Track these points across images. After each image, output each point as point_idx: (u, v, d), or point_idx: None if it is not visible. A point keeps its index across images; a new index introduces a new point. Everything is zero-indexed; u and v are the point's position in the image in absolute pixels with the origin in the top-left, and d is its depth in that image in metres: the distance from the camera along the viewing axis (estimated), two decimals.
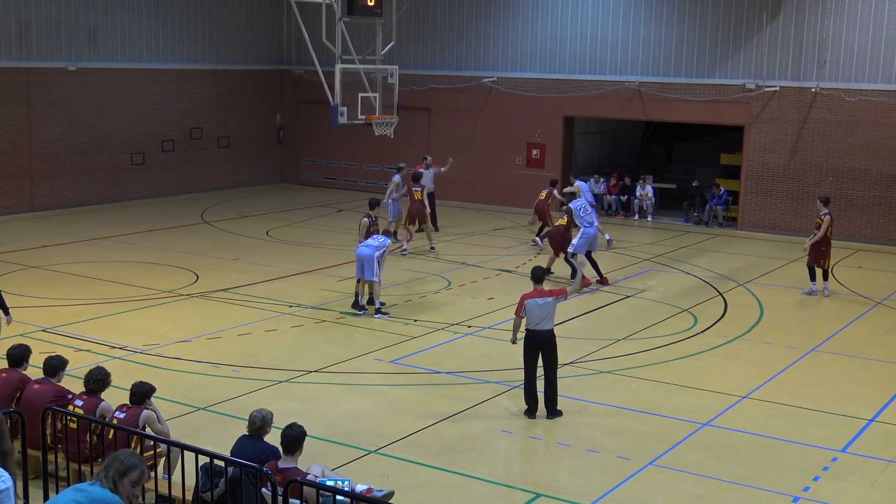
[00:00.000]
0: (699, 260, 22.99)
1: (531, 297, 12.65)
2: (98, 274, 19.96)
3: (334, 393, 13.58)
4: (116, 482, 6.13)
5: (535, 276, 13.15)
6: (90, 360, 13.98)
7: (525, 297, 12.71)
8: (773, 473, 11.22)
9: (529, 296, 12.71)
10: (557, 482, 10.95)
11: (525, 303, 12.64)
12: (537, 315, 12.61)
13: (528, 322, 12.69)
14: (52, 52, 27.45)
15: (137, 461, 6.27)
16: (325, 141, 32.71)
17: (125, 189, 29.69)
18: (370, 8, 21.21)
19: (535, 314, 12.62)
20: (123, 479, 6.15)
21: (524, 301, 12.65)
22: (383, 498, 9.21)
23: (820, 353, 15.88)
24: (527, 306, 12.63)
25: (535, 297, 12.66)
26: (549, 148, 29.65)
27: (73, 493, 6.15)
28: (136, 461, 6.27)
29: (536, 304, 12.60)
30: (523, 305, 12.64)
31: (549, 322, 12.69)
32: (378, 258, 17.24)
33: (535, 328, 12.67)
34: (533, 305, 12.61)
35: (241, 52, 32.52)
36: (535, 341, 12.72)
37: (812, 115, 25.90)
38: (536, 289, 12.86)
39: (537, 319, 12.63)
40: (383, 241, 17.57)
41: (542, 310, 12.60)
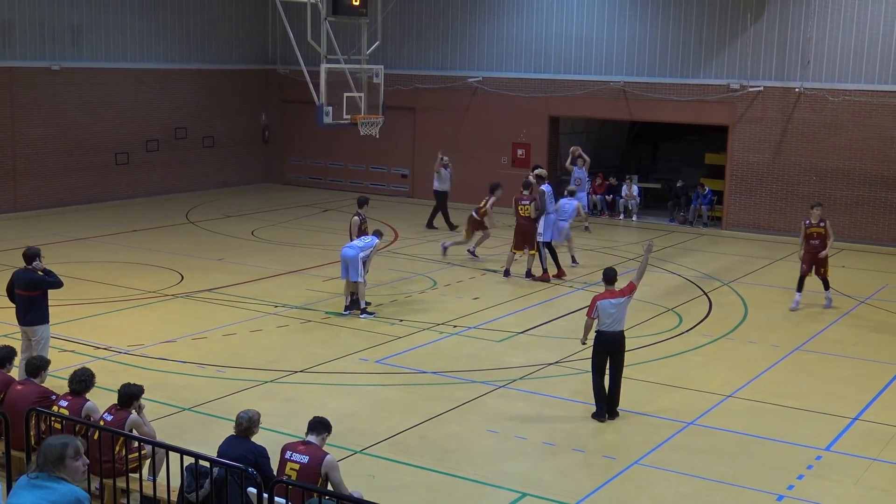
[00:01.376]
0: (684, 259, 23.06)
1: (604, 298, 12.55)
2: (82, 274, 19.88)
3: (320, 393, 13.57)
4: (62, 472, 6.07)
5: (607, 278, 12.95)
6: (75, 360, 13.94)
7: (597, 298, 12.60)
8: (758, 472, 11.27)
9: (602, 297, 12.59)
10: (543, 481, 10.96)
11: (598, 304, 12.52)
12: (610, 316, 12.52)
13: (600, 323, 12.56)
14: (36, 52, 27.33)
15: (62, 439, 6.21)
16: (311, 141, 32.67)
17: (109, 189, 29.58)
18: (355, 8, 21.20)
19: (607, 315, 12.52)
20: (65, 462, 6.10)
21: (596, 302, 12.54)
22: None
23: (804, 353, 15.96)
24: (599, 307, 12.50)
25: (608, 297, 12.56)
26: (535, 148, 29.68)
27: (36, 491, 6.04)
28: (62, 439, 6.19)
29: (610, 304, 12.51)
30: (595, 307, 12.51)
31: (620, 323, 12.62)
32: (363, 259, 17.22)
33: (606, 329, 12.56)
34: (606, 306, 12.50)
35: (226, 51, 32.45)
36: (606, 343, 12.62)
37: (796, 115, 26.01)
38: (608, 290, 12.72)
39: (610, 321, 12.53)
40: (370, 241, 17.54)
41: (615, 310, 12.54)
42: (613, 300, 12.56)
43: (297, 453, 8.72)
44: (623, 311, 12.64)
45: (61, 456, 6.07)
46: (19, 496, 6.08)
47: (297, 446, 8.81)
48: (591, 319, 12.63)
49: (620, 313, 12.59)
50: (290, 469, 8.65)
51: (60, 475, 6.05)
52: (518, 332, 16.69)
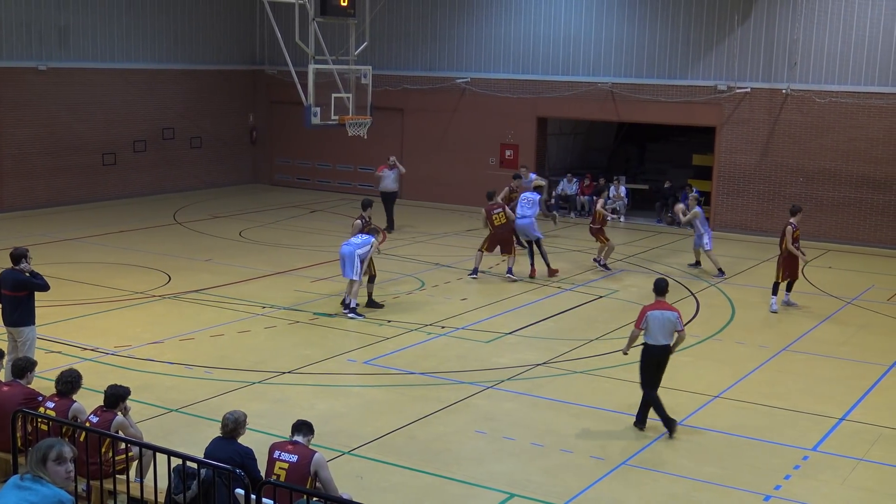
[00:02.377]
0: (672, 260, 23.10)
1: (654, 310, 12.16)
2: (69, 275, 19.81)
3: (308, 394, 13.55)
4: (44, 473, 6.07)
5: (658, 289, 12.53)
6: (61, 361, 13.88)
7: (647, 309, 12.20)
8: (745, 472, 11.30)
9: (651, 307, 12.20)
10: (531, 482, 10.97)
11: (647, 315, 12.13)
12: (658, 328, 12.12)
13: (648, 335, 12.17)
14: (22, 52, 27.23)
15: (50, 441, 6.21)
16: (299, 141, 32.63)
17: (97, 189, 29.49)
18: (343, 8, 21.20)
19: (655, 327, 12.12)
20: (46, 465, 6.09)
21: (646, 313, 12.15)
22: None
23: (791, 353, 16.00)
24: (648, 318, 12.11)
25: (658, 309, 12.19)
26: (523, 149, 29.70)
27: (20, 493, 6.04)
28: (49, 442, 6.19)
29: (660, 316, 12.12)
30: (645, 317, 12.13)
31: (668, 337, 12.20)
32: (360, 256, 17.19)
33: (654, 343, 12.18)
34: (656, 317, 12.11)
35: (214, 52, 32.38)
36: (653, 355, 12.24)
37: (783, 116, 26.10)
38: (658, 301, 12.33)
39: (657, 333, 12.15)
40: (367, 239, 17.50)
41: (666, 325, 12.15)
42: (661, 313, 12.15)
43: (285, 452, 8.72)
44: (672, 326, 12.15)
45: (44, 457, 6.07)
46: (4, 496, 6.09)
47: (285, 446, 8.81)
48: (638, 330, 12.22)
49: (670, 327, 12.16)
50: (279, 468, 8.64)
51: (44, 477, 6.04)
52: (506, 333, 16.70)
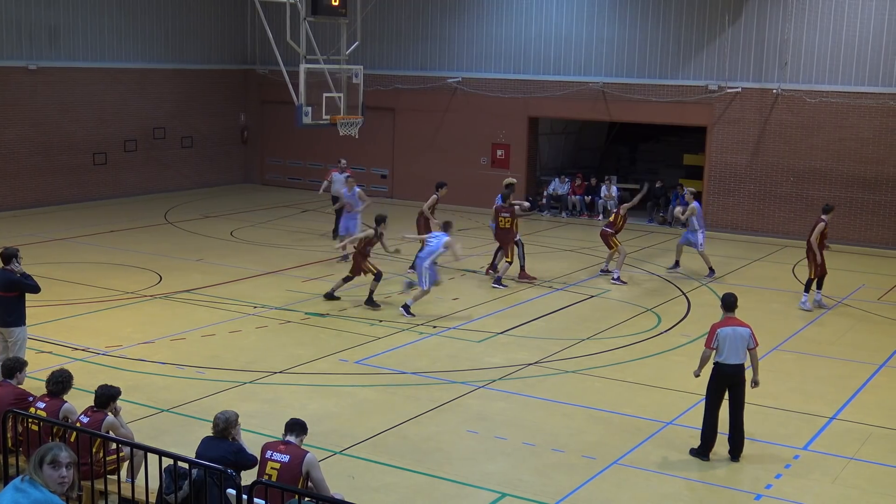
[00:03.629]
0: (663, 260, 23.13)
1: (724, 326, 11.56)
2: (60, 275, 19.76)
3: (299, 394, 13.53)
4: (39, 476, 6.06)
5: (727, 304, 11.83)
6: (52, 361, 13.84)
7: (717, 327, 11.57)
8: (737, 471, 11.33)
9: (722, 325, 11.59)
10: (522, 482, 10.97)
11: (717, 332, 11.49)
12: (731, 347, 11.51)
13: (719, 354, 11.53)
14: (12, 51, 27.14)
15: (49, 445, 6.20)
16: (290, 141, 32.61)
17: (87, 189, 29.42)
18: (334, 8, 21.18)
19: (728, 346, 11.50)
20: (42, 468, 6.09)
21: (716, 331, 11.51)
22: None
23: (782, 352, 16.04)
24: (719, 336, 11.48)
25: (729, 325, 11.59)
26: (514, 148, 29.74)
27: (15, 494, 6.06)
28: (49, 445, 6.19)
29: (732, 333, 11.52)
30: (716, 336, 11.50)
31: (741, 355, 11.57)
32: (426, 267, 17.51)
33: (725, 362, 11.52)
34: (728, 335, 11.50)
35: (205, 51, 32.33)
36: (725, 375, 11.56)
37: (773, 116, 26.16)
38: (728, 317, 11.71)
39: (731, 352, 11.52)
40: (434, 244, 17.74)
41: (738, 342, 11.52)
42: (732, 329, 11.56)
43: (277, 453, 8.71)
44: (744, 343, 11.53)
45: (40, 461, 6.07)
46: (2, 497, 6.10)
47: (277, 446, 8.80)
48: (710, 350, 11.59)
49: (741, 344, 11.53)
50: (271, 468, 8.63)
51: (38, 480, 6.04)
52: (498, 333, 16.70)
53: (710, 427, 11.67)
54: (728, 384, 11.62)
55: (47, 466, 6.08)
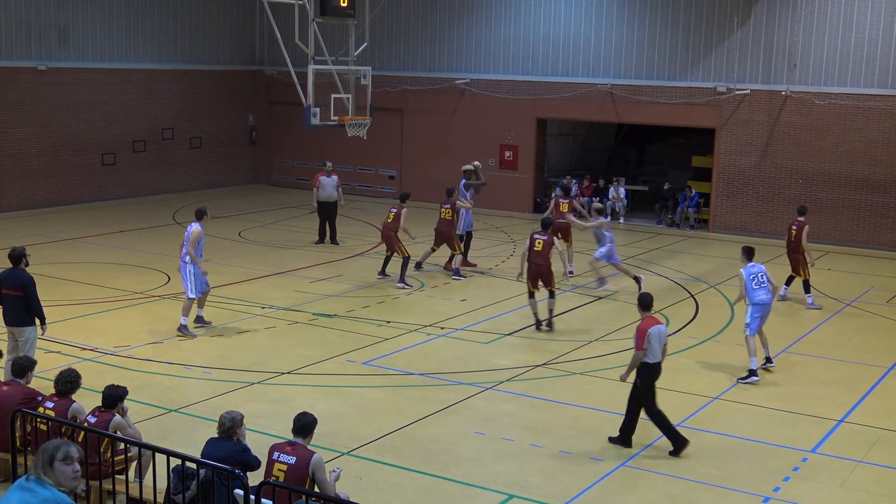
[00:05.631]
0: (671, 262, 23.12)
1: (652, 327, 11.64)
2: (68, 275, 19.81)
3: (307, 394, 13.54)
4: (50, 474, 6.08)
5: (645, 304, 11.95)
6: (61, 361, 13.87)
7: (645, 328, 11.62)
8: (744, 474, 11.30)
9: (648, 325, 11.65)
10: (529, 483, 10.97)
11: (648, 333, 11.57)
12: (659, 345, 11.67)
13: (650, 354, 11.63)
14: (22, 52, 27.22)
15: (57, 442, 6.22)
16: (298, 142, 32.64)
17: (96, 190, 29.49)
18: (343, 9, 21.17)
19: (657, 346, 11.65)
20: (53, 465, 6.10)
21: (647, 332, 11.57)
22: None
23: (790, 355, 16.00)
24: (651, 336, 11.58)
25: (654, 325, 11.69)
26: (522, 150, 29.73)
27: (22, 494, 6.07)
28: (56, 443, 6.21)
29: (658, 332, 11.65)
30: (646, 336, 11.57)
31: (663, 353, 11.82)
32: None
33: (654, 361, 11.69)
34: (657, 334, 11.64)
35: (213, 52, 32.39)
36: (656, 374, 11.77)
37: (782, 118, 26.12)
38: (648, 317, 11.81)
39: (657, 350, 11.67)
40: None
41: (662, 340, 11.73)
42: (661, 327, 11.77)
43: (284, 454, 8.72)
44: (664, 341, 11.77)
45: (51, 458, 6.08)
46: (8, 496, 6.11)
47: (283, 447, 8.81)
48: (642, 351, 11.64)
49: (663, 343, 11.75)
50: (278, 470, 8.64)
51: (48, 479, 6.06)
52: (505, 334, 16.69)
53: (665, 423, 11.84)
54: (656, 381, 11.88)
55: (60, 463, 6.10)
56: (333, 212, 23.90)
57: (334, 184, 23.82)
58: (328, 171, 24.11)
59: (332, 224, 23.95)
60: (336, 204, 23.95)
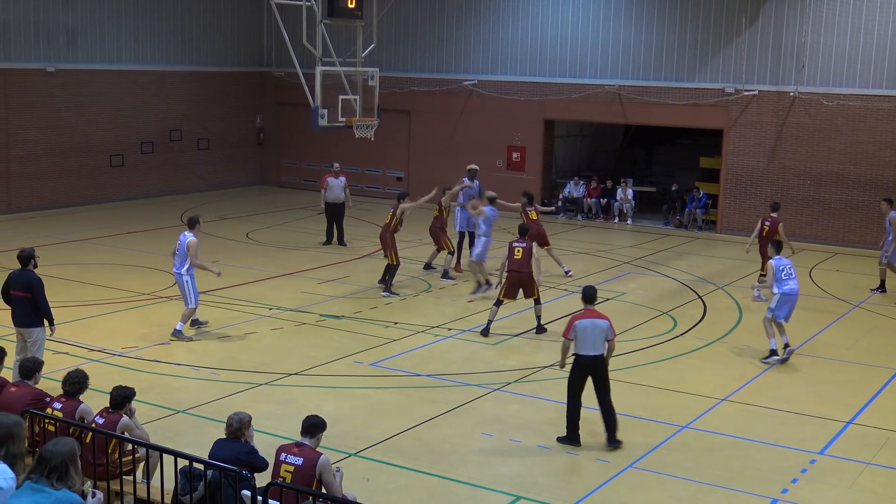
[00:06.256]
0: (679, 263, 23.08)
1: (583, 318, 11.79)
2: (76, 276, 19.85)
3: (314, 395, 13.55)
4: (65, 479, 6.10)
5: (587, 297, 12.15)
6: (69, 362, 13.89)
7: (575, 319, 11.83)
8: (752, 475, 11.27)
9: (580, 317, 11.84)
10: (537, 484, 10.96)
11: (575, 324, 11.73)
12: (590, 338, 11.75)
13: (578, 346, 11.78)
14: (31, 53, 27.30)
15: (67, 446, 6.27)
16: (306, 143, 32.67)
17: (104, 191, 29.56)
18: (350, 10, 21.19)
19: (586, 337, 11.75)
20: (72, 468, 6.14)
21: (574, 322, 11.76)
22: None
23: (798, 356, 15.96)
24: (577, 328, 11.72)
25: (588, 318, 11.82)
26: (530, 151, 29.72)
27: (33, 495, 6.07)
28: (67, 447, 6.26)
29: (592, 325, 11.75)
30: (573, 327, 11.76)
31: (600, 346, 11.84)
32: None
33: (583, 353, 11.78)
34: (585, 326, 11.75)
35: (221, 53, 32.44)
36: (583, 366, 11.84)
37: (790, 119, 26.06)
38: (588, 309, 11.98)
39: (590, 343, 11.76)
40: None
41: (597, 333, 11.77)
42: (590, 321, 11.81)
43: (291, 455, 8.72)
44: (602, 334, 11.80)
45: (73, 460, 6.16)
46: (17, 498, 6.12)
47: (291, 448, 8.82)
48: (568, 341, 11.89)
49: (598, 336, 11.79)
50: (285, 471, 8.65)
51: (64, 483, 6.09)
52: (512, 336, 16.68)
53: (572, 415, 12.00)
54: (588, 374, 11.89)
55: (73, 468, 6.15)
56: (341, 213, 23.95)
57: (342, 185, 23.87)
58: (336, 172, 24.14)
59: (340, 225, 24.02)
60: (343, 205, 24.00)
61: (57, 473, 6.10)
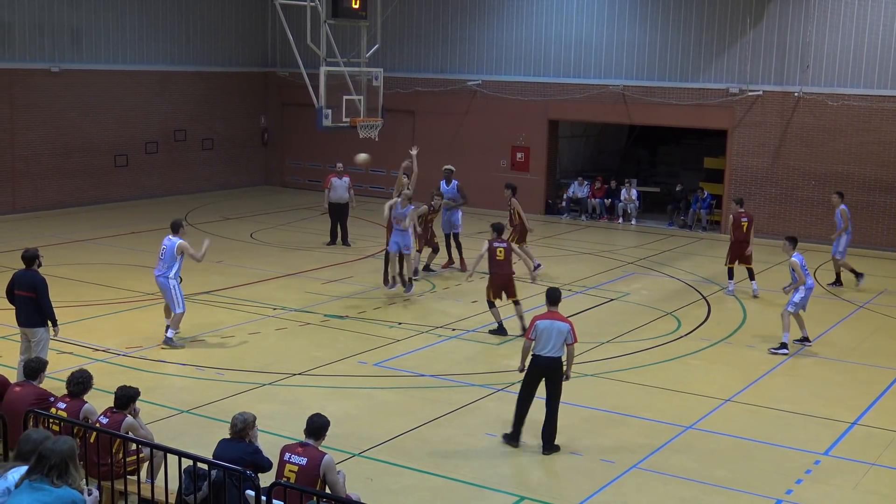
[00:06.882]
0: (683, 263, 23.06)
1: (544, 320, 11.74)
2: (80, 276, 19.87)
3: (318, 396, 13.55)
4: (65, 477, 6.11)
5: (551, 299, 12.06)
6: (73, 362, 13.90)
7: (537, 319, 11.78)
8: (756, 476, 11.26)
9: (541, 318, 11.77)
10: (541, 485, 10.96)
11: (536, 324, 11.70)
12: (548, 340, 11.67)
13: (536, 346, 11.72)
14: (35, 53, 27.32)
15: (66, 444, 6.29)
16: (310, 143, 32.67)
17: (108, 191, 29.59)
18: (355, 10, 21.18)
19: (545, 339, 11.68)
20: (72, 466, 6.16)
21: (535, 323, 11.73)
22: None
23: (802, 357, 15.95)
24: (538, 328, 11.68)
25: (550, 319, 11.76)
26: (534, 151, 29.70)
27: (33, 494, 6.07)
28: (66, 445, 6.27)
29: (550, 326, 11.68)
30: (534, 327, 11.73)
31: (559, 349, 11.72)
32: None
33: (542, 354, 11.71)
34: (545, 327, 11.68)
35: (226, 54, 32.46)
36: (539, 367, 11.76)
37: (795, 119, 26.03)
38: (551, 311, 11.88)
39: (547, 345, 11.69)
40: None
41: (554, 335, 11.68)
42: (557, 323, 11.69)
43: (295, 455, 8.73)
44: (562, 337, 11.66)
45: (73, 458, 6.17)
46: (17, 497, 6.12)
47: (295, 448, 8.82)
48: (529, 341, 11.78)
49: (559, 339, 11.66)
50: (289, 471, 8.65)
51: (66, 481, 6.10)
52: (517, 336, 16.65)
53: (520, 415, 11.94)
54: (542, 375, 11.79)
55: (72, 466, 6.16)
56: (345, 213, 23.95)
57: (346, 185, 23.86)
58: (339, 172, 24.11)
59: (344, 225, 24.03)
60: (347, 205, 23.97)
61: (57, 471, 6.12)
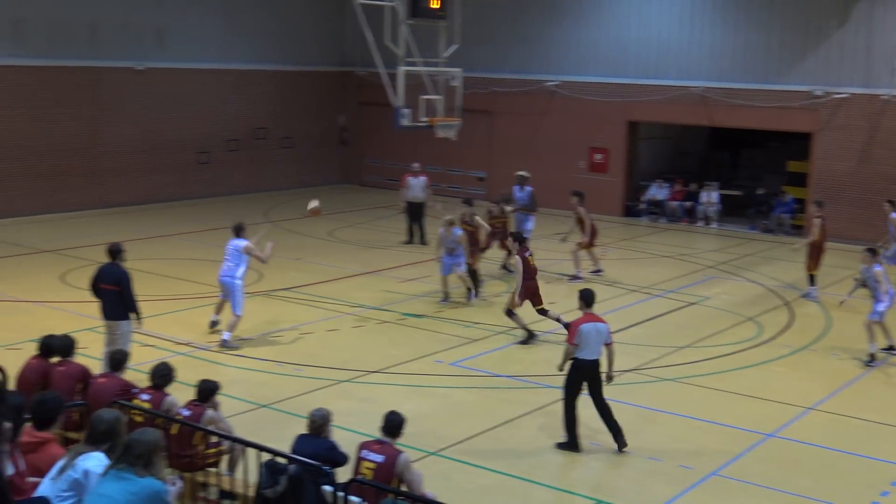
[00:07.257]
0: (764, 268, 22.67)
1: (586, 323, 11.65)
2: (163, 270, 20.22)
3: (395, 394, 13.59)
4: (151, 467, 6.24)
5: (587, 300, 11.95)
6: (155, 355, 14.16)
7: (578, 323, 11.67)
8: (840, 488, 11.00)
9: (583, 321, 11.68)
10: (617, 489, 10.85)
11: (580, 328, 11.58)
12: (592, 343, 11.60)
13: (580, 350, 11.59)
14: (121, 52, 27.88)
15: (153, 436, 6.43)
16: (388, 142, 32.81)
17: (191, 187, 30.07)
18: (434, 10, 21.23)
19: (589, 342, 11.59)
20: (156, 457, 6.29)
21: (578, 327, 11.59)
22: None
23: (889, 366, 15.55)
24: (581, 332, 11.57)
25: (590, 322, 11.69)
26: (613, 153, 29.46)
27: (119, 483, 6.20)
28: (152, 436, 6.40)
29: (593, 329, 11.63)
30: (577, 332, 11.58)
31: (598, 351, 11.70)
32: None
33: (586, 357, 11.63)
34: (590, 331, 11.60)
35: (305, 52, 32.76)
36: (583, 371, 11.67)
37: (882, 123, 25.40)
38: (588, 314, 11.81)
39: (591, 348, 11.61)
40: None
41: (597, 337, 11.63)
42: (594, 326, 11.63)
43: (372, 452, 8.76)
44: (602, 339, 11.65)
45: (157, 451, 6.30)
46: (104, 486, 6.25)
47: (372, 445, 8.85)
48: (573, 346, 11.61)
49: (600, 340, 11.63)
50: (366, 468, 8.68)
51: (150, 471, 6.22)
52: None
53: (570, 420, 11.81)
54: (585, 379, 11.71)
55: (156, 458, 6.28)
56: (421, 212, 24.02)
57: (422, 185, 23.93)
58: (415, 171, 24.18)
59: (421, 224, 24.09)
60: (423, 205, 24.03)
61: (143, 461, 6.24)
